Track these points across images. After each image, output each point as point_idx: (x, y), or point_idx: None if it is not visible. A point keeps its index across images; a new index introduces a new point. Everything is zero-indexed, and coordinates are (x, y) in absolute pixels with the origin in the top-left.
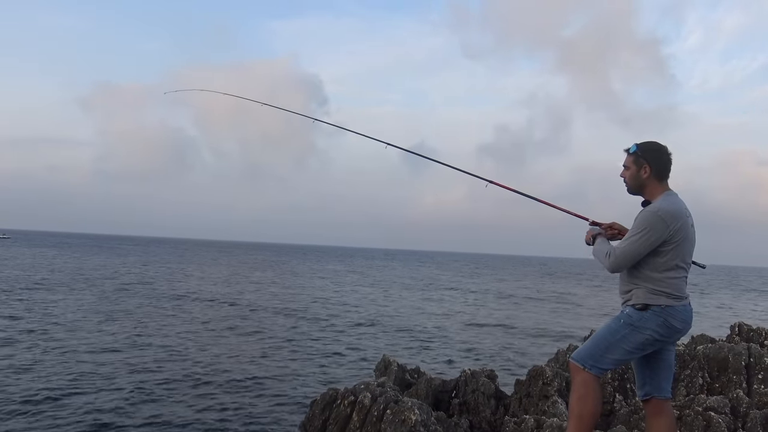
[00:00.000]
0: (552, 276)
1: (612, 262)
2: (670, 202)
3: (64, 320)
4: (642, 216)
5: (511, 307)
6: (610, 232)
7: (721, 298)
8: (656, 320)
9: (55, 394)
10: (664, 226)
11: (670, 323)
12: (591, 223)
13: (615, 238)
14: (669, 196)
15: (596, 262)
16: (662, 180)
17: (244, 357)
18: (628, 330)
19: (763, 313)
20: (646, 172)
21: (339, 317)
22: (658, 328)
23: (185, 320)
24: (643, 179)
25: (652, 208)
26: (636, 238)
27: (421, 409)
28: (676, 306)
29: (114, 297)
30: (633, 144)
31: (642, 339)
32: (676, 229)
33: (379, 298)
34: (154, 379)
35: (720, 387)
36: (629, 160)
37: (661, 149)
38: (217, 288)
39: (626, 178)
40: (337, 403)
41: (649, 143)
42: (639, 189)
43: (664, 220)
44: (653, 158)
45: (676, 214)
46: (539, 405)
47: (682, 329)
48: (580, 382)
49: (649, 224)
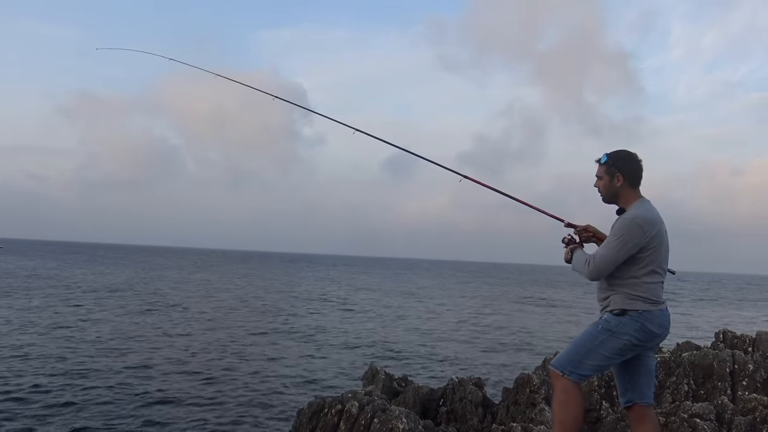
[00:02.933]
0: (536, 282)
1: (591, 270)
2: (646, 209)
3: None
4: (619, 223)
5: (497, 315)
6: (585, 234)
7: (704, 306)
8: (634, 325)
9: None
10: (641, 233)
11: (647, 328)
12: (566, 225)
13: (590, 240)
14: (644, 204)
15: (576, 273)
16: (635, 187)
17: (229, 366)
18: (606, 335)
19: (747, 321)
20: (620, 181)
21: (326, 326)
22: (636, 333)
23: (163, 331)
24: (617, 188)
25: (629, 215)
26: (614, 245)
27: (408, 417)
28: (653, 311)
29: (106, 307)
30: (603, 154)
31: (620, 344)
32: (653, 236)
33: (366, 306)
34: (135, 391)
35: (705, 394)
36: (601, 170)
37: (631, 157)
38: (200, 296)
39: (600, 187)
40: (325, 411)
41: (620, 152)
42: (613, 198)
43: (642, 227)
44: (625, 166)
45: (653, 221)
46: (527, 413)
47: (660, 334)
48: (560, 389)
49: (627, 231)
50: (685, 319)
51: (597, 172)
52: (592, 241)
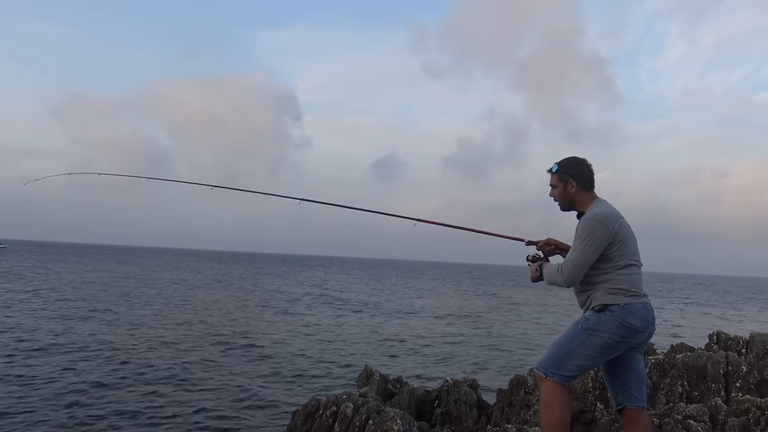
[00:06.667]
0: (529, 284)
1: (566, 276)
2: (603, 207)
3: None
4: (582, 224)
5: (492, 316)
6: (548, 248)
7: (699, 308)
8: (614, 321)
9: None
10: (604, 229)
11: (629, 323)
12: (527, 243)
13: (553, 253)
14: (600, 203)
15: (553, 286)
16: (590, 190)
17: (224, 366)
18: (586, 334)
19: (740, 321)
20: (573, 186)
21: (319, 326)
22: (617, 330)
23: (160, 328)
24: (572, 194)
25: (588, 215)
26: (582, 246)
27: (403, 419)
28: (634, 303)
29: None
30: (554, 163)
31: (601, 343)
32: (616, 230)
33: (359, 306)
34: (126, 395)
35: (699, 395)
36: (554, 179)
37: (581, 162)
38: (195, 297)
39: (556, 196)
40: (319, 413)
41: (569, 159)
42: (570, 204)
43: (604, 223)
44: (576, 172)
45: (613, 216)
46: (521, 414)
47: (643, 328)
48: (545, 391)
49: (591, 230)
50: (678, 321)
51: (550, 182)
52: (556, 254)
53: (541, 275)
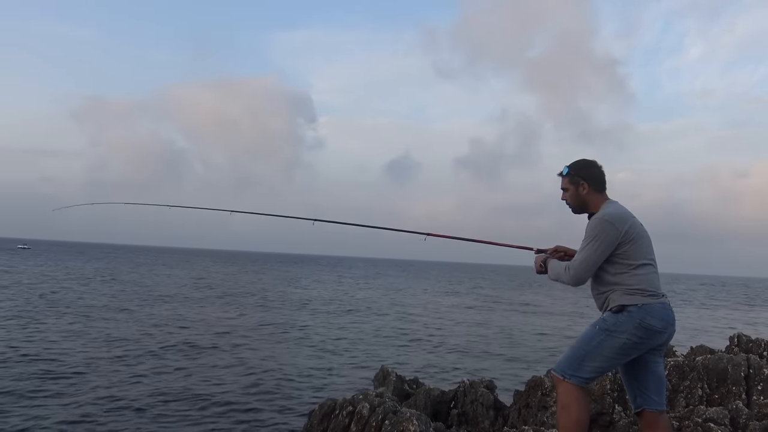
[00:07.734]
0: (545, 285)
1: (572, 275)
2: (614, 207)
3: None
4: (591, 224)
5: (509, 317)
6: (557, 255)
7: (717, 309)
8: (631, 322)
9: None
10: (614, 229)
11: (647, 323)
12: (536, 251)
13: (563, 260)
14: (611, 203)
15: (558, 283)
16: (601, 192)
17: (241, 367)
18: (604, 336)
19: (760, 324)
20: (585, 188)
21: (336, 327)
22: (635, 330)
23: (176, 329)
24: (584, 196)
25: (597, 216)
26: (590, 246)
27: (419, 419)
28: (653, 303)
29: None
30: (564, 167)
31: (619, 344)
32: (627, 230)
33: (375, 307)
34: (147, 390)
35: (719, 398)
36: (565, 181)
37: (591, 164)
38: (211, 295)
39: (568, 199)
40: (336, 413)
41: (579, 161)
42: (582, 206)
43: (613, 223)
44: (587, 174)
45: (623, 216)
46: (538, 416)
47: (662, 329)
48: (562, 393)
49: (600, 230)
50: (697, 323)
51: (561, 185)
52: (566, 260)
53: (545, 269)
